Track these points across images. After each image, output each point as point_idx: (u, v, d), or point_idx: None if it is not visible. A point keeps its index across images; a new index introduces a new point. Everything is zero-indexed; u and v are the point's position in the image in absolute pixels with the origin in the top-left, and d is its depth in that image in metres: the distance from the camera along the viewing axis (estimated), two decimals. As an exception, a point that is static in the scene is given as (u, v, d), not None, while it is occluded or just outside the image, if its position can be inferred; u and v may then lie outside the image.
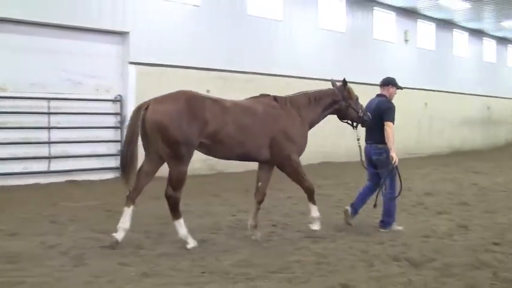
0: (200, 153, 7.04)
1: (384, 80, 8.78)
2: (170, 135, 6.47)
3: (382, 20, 22.49)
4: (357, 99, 8.04)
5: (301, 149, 7.56)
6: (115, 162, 14.16)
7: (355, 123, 8.15)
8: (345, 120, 8.17)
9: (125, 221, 6.81)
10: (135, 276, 5.72)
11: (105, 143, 14.14)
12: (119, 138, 14.24)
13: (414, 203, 10.83)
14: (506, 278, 5.81)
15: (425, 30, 25.11)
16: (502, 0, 22.03)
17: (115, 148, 14.20)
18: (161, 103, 6.66)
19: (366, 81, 20.92)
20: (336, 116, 8.14)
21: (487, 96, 29.41)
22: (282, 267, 6.11)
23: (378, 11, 22.10)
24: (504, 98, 31.15)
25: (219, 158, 7.32)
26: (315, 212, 7.51)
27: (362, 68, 20.99)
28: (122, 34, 14.34)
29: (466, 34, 28.00)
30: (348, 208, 8.43)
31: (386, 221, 8.23)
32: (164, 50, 14.91)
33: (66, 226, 8.19)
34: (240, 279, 5.65)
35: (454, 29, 27.01)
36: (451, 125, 26.55)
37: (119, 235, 6.80)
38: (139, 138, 6.77)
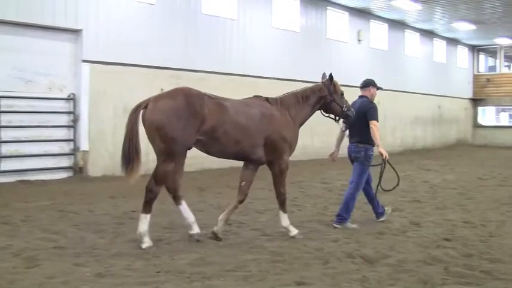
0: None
1: (364, 81, 9.04)
2: (167, 133, 6.57)
3: (336, 20, 22.70)
4: (342, 94, 8.13)
5: (292, 148, 7.71)
6: (68, 161, 13.96)
7: (337, 118, 8.25)
8: (327, 115, 8.23)
9: (188, 216, 7.30)
10: (90, 276, 5.63)
11: (58, 142, 13.88)
12: (72, 137, 14.03)
13: (367, 200, 10.94)
14: (457, 273, 5.95)
15: (378, 30, 25.48)
16: (452, 2, 22.52)
17: (68, 147, 14.01)
18: (159, 102, 6.73)
19: (319, 80, 21.24)
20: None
21: (438, 95, 30.08)
22: (237, 266, 6.12)
23: (331, 11, 22.29)
24: (454, 97, 31.92)
25: (213, 155, 7.33)
26: (285, 221, 7.62)
27: (315, 67, 20.96)
28: (75, 32, 14.05)
29: (417, 35, 28.51)
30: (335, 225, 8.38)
31: (343, 216, 8.35)
32: (118, 48, 14.68)
33: (19, 227, 7.99)
34: (196, 278, 5.62)
35: (406, 30, 27.46)
36: (404, 123, 27.05)
37: (194, 230, 7.31)
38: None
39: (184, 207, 7.28)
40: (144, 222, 6.81)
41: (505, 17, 25.66)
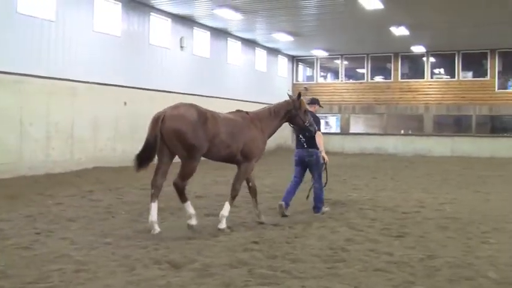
0: None
1: (311, 99, 10.91)
2: (188, 140, 8.03)
3: (159, 26, 22.69)
4: (306, 111, 9.65)
5: (260, 154, 9.21)
6: None
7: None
8: (292, 125, 9.83)
9: (154, 214, 8.31)
10: None
11: None
12: None
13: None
14: (261, 275, 6.20)
15: (201, 37, 25.86)
16: (272, 13, 23.49)
17: None
18: (177, 113, 8.13)
19: (142, 85, 21.11)
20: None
21: (259, 103, 30.89)
22: (40, 277, 5.89)
23: (154, 17, 22.22)
24: (274, 104, 33.33)
25: (208, 158, 8.74)
26: (225, 211, 8.77)
27: (138, 73, 21.03)
28: None
29: (239, 43, 29.38)
30: (282, 203, 10.18)
31: (319, 206, 10.40)
32: None
33: None
34: (-8, 293, 5.33)
35: (228, 38, 28.16)
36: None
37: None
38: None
39: (156, 205, 8.36)
40: (189, 207, 8.53)
41: (320, 31, 27.56)
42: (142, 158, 8.33)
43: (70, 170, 17.02)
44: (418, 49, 31.93)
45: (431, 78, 33.92)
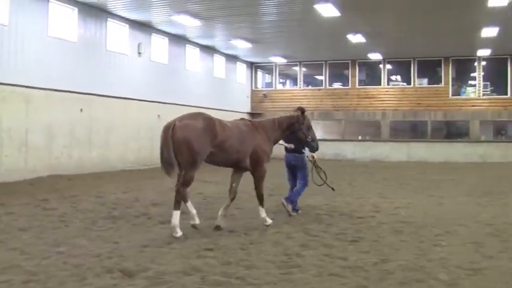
0: None
1: (299, 108, 10.95)
2: (194, 147, 8.58)
3: (116, 32, 22.44)
4: (310, 127, 10.62)
5: (268, 158, 9.90)
6: None
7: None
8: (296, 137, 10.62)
9: (192, 209, 9.13)
10: None
11: None
12: None
13: (139, 213, 10.97)
14: (215, 281, 6.15)
15: (159, 44, 25.70)
16: (230, 20, 23.50)
17: None
18: (186, 123, 8.73)
19: (99, 92, 20.83)
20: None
21: (218, 109, 30.81)
22: (-14, 289, 5.73)
23: (111, 22, 21.97)
24: (233, 111, 32.98)
25: (217, 164, 9.43)
26: (262, 213, 9.80)
27: (95, 79, 20.75)
28: None
29: (197, 50, 29.27)
30: (283, 201, 10.97)
31: (293, 198, 11.07)
32: None
33: None
34: None
35: (186, 44, 28.04)
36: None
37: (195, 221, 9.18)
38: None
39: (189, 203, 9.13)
40: (176, 217, 8.62)
41: (278, 38, 27.65)
42: (166, 165, 8.67)
43: (24, 178, 16.66)
44: (374, 56, 32.45)
45: (388, 85, 34.45)
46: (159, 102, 24.31)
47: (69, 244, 7.95)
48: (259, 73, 38.56)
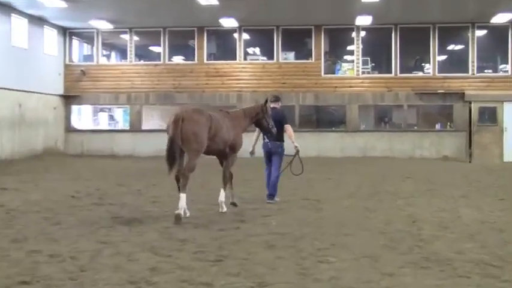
0: None
1: (275, 97, 16.05)
2: (199, 138, 12.21)
3: None
4: (270, 115, 14.27)
5: (240, 146, 13.72)
6: None
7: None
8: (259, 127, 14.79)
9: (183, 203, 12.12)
10: None
11: None
12: None
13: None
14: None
15: None
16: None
17: None
18: (193, 116, 12.33)
19: None
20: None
21: (18, 90, 29.43)
22: None
23: None
24: (41, 93, 31.79)
25: (208, 153, 13.16)
26: (222, 197, 13.31)
27: None
28: None
29: (-14, 7, 27.78)
30: (268, 202, 14.77)
31: (273, 193, 14.96)
32: None
33: None
34: None
35: (-26, 2, 26.63)
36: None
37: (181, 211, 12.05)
38: None
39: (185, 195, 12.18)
40: (183, 200, 11.98)
41: (101, -6, 27.01)
42: (170, 159, 12.12)
43: None
44: (228, 23, 32.40)
45: (245, 59, 34.83)
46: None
47: None
48: (75, 42, 37.43)
